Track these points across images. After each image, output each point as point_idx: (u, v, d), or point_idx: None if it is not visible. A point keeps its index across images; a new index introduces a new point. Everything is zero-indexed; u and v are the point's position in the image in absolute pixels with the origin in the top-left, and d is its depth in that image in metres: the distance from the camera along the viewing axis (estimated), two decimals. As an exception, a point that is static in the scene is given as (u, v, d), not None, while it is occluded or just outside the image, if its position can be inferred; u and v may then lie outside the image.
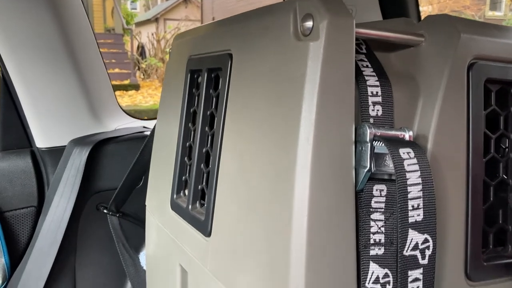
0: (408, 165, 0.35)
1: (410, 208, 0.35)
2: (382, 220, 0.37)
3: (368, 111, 0.38)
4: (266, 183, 0.39)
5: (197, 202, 0.53)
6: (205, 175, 0.53)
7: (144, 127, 1.16)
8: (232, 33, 0.48)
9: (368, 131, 0.36)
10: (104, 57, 1.16)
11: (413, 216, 0.35)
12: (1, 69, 0.98)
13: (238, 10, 0.50)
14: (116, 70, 7.94)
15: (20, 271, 0.92)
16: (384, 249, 0.37)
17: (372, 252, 0.37)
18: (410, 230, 0.35)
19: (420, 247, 0.35)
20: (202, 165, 0.53)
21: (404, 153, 0.36)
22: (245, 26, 0.46)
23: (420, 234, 0.35)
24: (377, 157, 0.36)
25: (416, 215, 0.35)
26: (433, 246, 0.36)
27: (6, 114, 1.01)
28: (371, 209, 0.37)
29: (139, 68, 8.90)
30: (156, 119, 0.70)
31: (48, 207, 0.94)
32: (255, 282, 0.40)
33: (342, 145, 0.36)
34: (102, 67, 1.13)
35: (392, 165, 0.36)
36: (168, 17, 12.08)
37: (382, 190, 0.37)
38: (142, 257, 0.96)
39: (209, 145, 0.53)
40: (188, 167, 0.57)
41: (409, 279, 0.35)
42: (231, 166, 0.45)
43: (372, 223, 0.37)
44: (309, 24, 0.36)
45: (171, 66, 0.66)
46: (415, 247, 0.35)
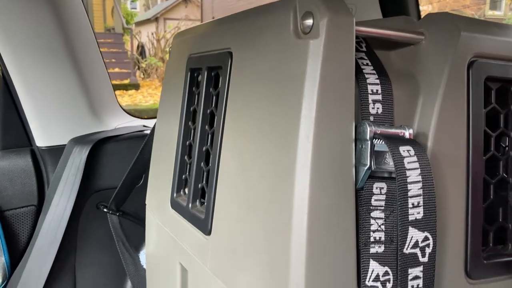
0: (408, 163, 0.35)
1: (410, 206, 0.35)
2: (382, 218, 0.37)
3: (368, 109, 0.38)
4: (266, 181, 0.39)
5: (197, 201, 0.53)
6: (205, 174, 0.53)
7: (144, 126, 1.16)
8: (232, 32, 0.48)
9: (368, 129, 0.36)
10: (104, 57, 1.16)
11: (413, 214, 0.35)
12: (1, 68, 0.98)
13: (238, 10, 0.50)
14: (116, 70, 7.94)
15: (20, 270, 0.92)
16: (384, 247, 0.37)
17: (372, 250, 0.37)
18: (410, 228, 0.35)
19: (420, 245, 0.35)
20: (202, 164, 0.53)
21: (404, 151, 0.36)
22: (245, 24, 0.46)
23: (420, 232, 0.35)
24: (377, 155, 0.36)
25: (416, 213, 0.35)
26: (433, 244, 0.36)
27: (6, 113, 1.01)
28: (371, 207, 0.37)
29: (139, 68, 8.90)
30: (156, 118, 0.70)
31: (48, 206, 0.94)
32: (255, 281, 0.40)
33: (342, 143, 0.36)
34: (102, 66, 1.13)
35: (392, 163, 0.36)
36: (168, 17, 12.08)
37: (382, 188, 0.37)
38: (142, 256, 0.96)
39: (209, 144, 0.53)
40: (188, 166, 0.57)
41: (409, 277, 0.35)
42: (231, 165, 0.45)
43: (372, 221, 0.37)
44: (309, 22, 0.36)
45: (171, 65, 0.66)
46: (415, 245, 0.35)
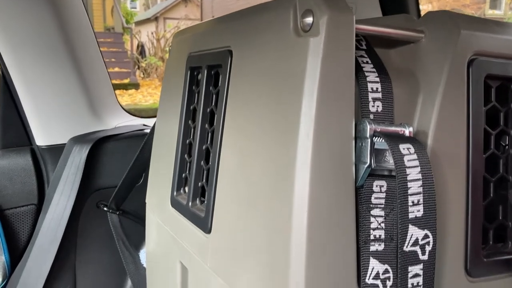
0: (408, 161, 0.35)
1: (410, 204, 0.35)
2: (382, 216, 0.37)
3: (368, 107, 0.38)
4: (266, 180, 0.39)
5: (197, 199, 0.53)
6: (205, 172, 0.53)
7: (144, 125, 1.16)
8: (232, 30, 0.48)
9: (368, 127, 0.36)
10: (104, 56, 1.16)
11: (413, 212, 0.35)
12: (1, 68, 0.98)
13: (238, 9, 0.50)
14: (116, 69, 7.94)
15: (20, 269, 0.92)
16: (384, 245, 0.37)
17: (372, 248, 0.37)
18: (410, 226, 0.35)
19: (420, 243, 0.35)
20: (202, 162, 0.53)
21: (404, 149, 0.36)
22: (245, 23, 0.46)
23: (420, 230, 0.35)
24: (377, 153, 0.36)
25: (416, 211, 0.35)
26: (433, 242, 0.36)
27: (6, 112, 1.01)
28: (371, 205, 0.37)
29: (139, 67, 8.90)
30: (156, 117, 0.70)
31: (48, 205, 0.94)
32: (256, 279, 0.40)
33: (342, 141, 0.36)
34: (102, 65, 1.13)
35: (392, 161, 0.36)
36: (168, 16, 12.07)
37: (382, 186, 0.37)
38: (142, 255, 0.96)
39: (209, 142, 0.53)
40: (188, 164, 0.57)
41: (409, 275, 0.35)
42: (231, 163, 0.45)
43: (372, 219, 0.37)
44: (309, 20, 0.36)
45: (171, 64, 0.66)
46: (415, 243, 0.35)
